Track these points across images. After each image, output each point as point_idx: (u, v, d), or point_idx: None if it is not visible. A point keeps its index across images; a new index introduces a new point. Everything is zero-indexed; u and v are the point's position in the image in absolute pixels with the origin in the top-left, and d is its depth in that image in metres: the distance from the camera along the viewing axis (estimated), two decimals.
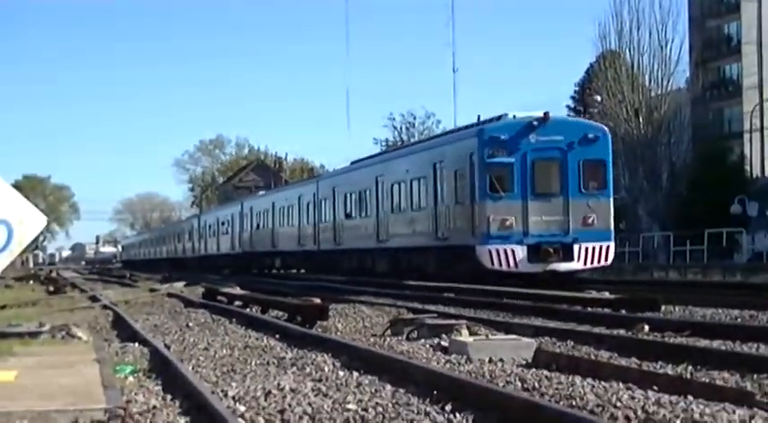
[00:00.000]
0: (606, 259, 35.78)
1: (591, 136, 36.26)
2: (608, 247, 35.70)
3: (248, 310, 28.28)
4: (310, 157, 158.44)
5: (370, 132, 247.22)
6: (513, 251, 34.83)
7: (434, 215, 40.19)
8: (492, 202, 35.43)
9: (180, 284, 50.31)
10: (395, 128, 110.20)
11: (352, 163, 57.68)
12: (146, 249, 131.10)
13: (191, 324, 24.26)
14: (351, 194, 52.52)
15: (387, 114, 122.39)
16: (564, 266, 35.24)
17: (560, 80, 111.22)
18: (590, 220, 35.39)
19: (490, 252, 34.93)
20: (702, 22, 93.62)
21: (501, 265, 34.95)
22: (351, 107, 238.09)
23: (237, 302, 31.21)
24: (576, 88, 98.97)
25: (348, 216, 52.78)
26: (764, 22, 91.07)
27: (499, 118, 38.08)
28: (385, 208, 46.74)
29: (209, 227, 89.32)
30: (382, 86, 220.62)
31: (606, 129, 38.30)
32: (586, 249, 35.21)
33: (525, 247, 34.94)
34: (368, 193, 49.21)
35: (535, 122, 35.88)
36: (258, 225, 72.40)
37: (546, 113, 36.31)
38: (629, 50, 76.67)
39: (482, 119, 43.57)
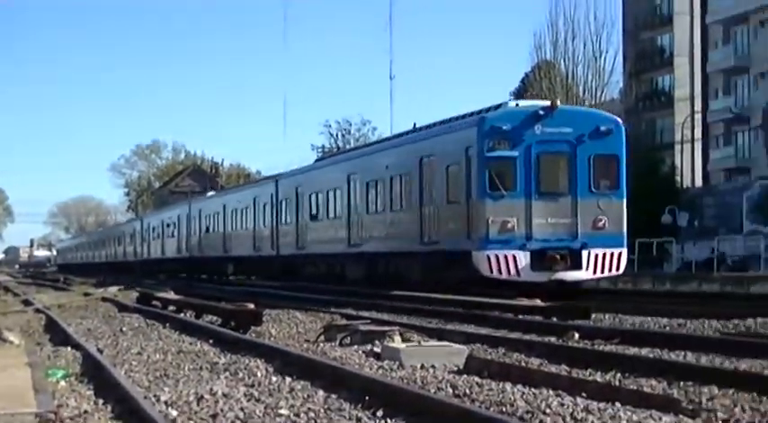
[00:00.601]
0: (618, 268, 32.35)
1: (603, 129, 32.59)
2: (620, 254, 32.20)
3: (182, 314, 28.15)
4: (246, 162, 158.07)
5: (307, 139, 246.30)
6: (514, 257, 31.14)
7: (420, 216, 36.17)
8: (492, 202, 31.65)
9: (114, 289, 49.98)
10: (331, 135, 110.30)
11: (317, 161, 53.87)
12: (83, 253, 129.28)
13: (124, 328, 24.12)
14: (317, 194, 48.24)
15: (323, 121, 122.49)
16: (571, 275, 31.75)
17: (496, 89, 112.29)
18: (601, 224, 31.93)
19: (489, 258, 31.23)
20: (636, 34, 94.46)
21: (501, 272, 31.27)
22: (288, 114, 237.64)
23: (172, 307, 31.07)
24: (512, 97, 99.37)
25: (314, 218, 48.69)
26: (696, 34, 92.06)
27: (498, 107, 34.23)
28: (359, 209, 42.49)
29: (153, 229, 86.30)
30: (319, 93, 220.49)
31: (620, 120, 34.52)
32: (596, 256, 31.73)
33: (528, 253, 31.30)
34: (338, 192, 45.03)
35: (541, 111, 32.28)
36: (208, 228, 68.54)
37: (553, 101, 33.91)
38: (564, 61, 77.15)
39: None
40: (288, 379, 13.54)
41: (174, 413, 10.76)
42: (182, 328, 23.47)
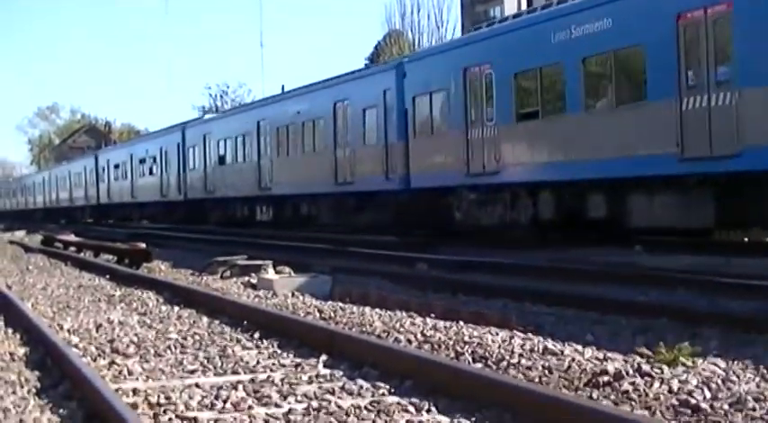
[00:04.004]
0: None
1: None
2: None
3: (82, 254, 27.79)
4: (135, 122, 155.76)
5: (189, 100, 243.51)
6: None
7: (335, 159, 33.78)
8: None
9: (21, 233, 49.09)
10: (211, 96, 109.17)
11: (223, 112, 49.72)
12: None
13: (30, 267, 23.73)
14: (226, 141, 45.00)
15: (204, 84, 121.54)
16: None
17: (355, 55, 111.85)
18: None
19: None
20: (472, 6, 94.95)
21: None
22: (172, 78, 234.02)
23: (72, 248, 30.64)
24: (367, 62, 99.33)
25: (222, 162, 45.38)
26: (523, 6, 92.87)
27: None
28: (269, 153, 39.81)
29: (60, 180, 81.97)
30: (200, 59, 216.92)
31: None
32: None
33: None
34: (247, 137, 42.06)
35: None
36: (117, 177, 64.08)
37: None
38: (411, 30, 77.41)
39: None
40: (176, 308, 13.47)
41: (76, 339, 10.64)
42: (81, 265, 23.17)
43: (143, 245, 24.75)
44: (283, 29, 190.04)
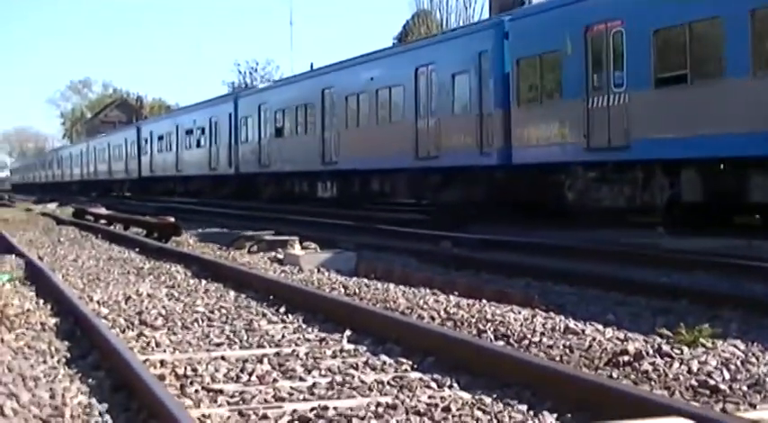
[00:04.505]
0: None
1: None
2: None
3: (112, 227, 27.88)
4: (166, 97, 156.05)
5: (219, 76, 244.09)
6: None
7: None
8: None
9: (53, 205, 49.31)
10: (240, 72, 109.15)
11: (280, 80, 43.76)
12: (32, 173, 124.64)
13: (62, 239, 23.83)
14: (284, 111, 40.84)
15: (234, 61, 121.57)
16: None
17: (384, 34, 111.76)
18: None
19: None
20: None
21: None
22: (202, 54, 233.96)
23: (103, 221, 30.74)
24: (395, 41, 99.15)
25: (279, 134, 41.33)
26: None
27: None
28: (334, 124, 35.66)
29: (100, 151, 77.84)
30: (231, 35, 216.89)
31: None
32: None
33: None
34: (309, 107, 38.10)
35: None
36: (161, 149, 59.61)
37: None
38: (439, 10, 76.96)
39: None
40: (203, 281, 13.50)
41: (105, 311, 10.68)
42: (111, 238, 23.25)
43: (172, 219, 24.79)
44: (312, 7, 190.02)
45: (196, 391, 6.73)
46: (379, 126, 32.52)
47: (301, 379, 7.07)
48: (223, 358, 7.83)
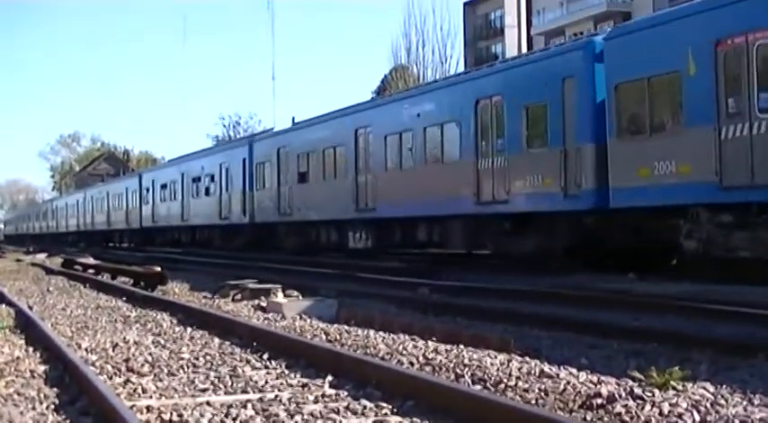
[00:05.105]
0: None
1: None
2: None
3: (100, 276, 27.78)
4: (153, 149, 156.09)
5: (204, 129, 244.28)
6: None
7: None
8: None
9: (42, 255, 49.12)
10: (224, 126, 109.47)
11: (303, 121, 39.83)
12: (26, 224, 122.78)
13: (51, 288, 23.73)
14: (308, 155, 36.56)
15: (218, 114, 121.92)
16: None
17: (361, 88, 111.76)
18: None
19: None
20: (474, 42, 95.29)
21: None
22: (187, 108, 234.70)
23: (91, 270, 30.63)
24: (373, 95, 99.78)
25: (303, 179, 37.04)
26: (523, 44, 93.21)
27: None
28: (370, 167, 31.91)
29: (97, 201, 74.21)
30: (214, 90, 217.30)
31: None
32: None
33: None
34: (338, 150, 34.28)
35: None
36: (163, 198, 55.93)
37: None
38: (416, 65, 77.48)
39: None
40: (189, 329, 13.46)
41: (94, 358, 10.63)
42: (99, 287, 23.16)
43: (158, 268, 24.72)
44: (294, 62, 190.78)
45: None
46: (427, 167, 28.60)
47: None
48: (208, 403, 7.80)
